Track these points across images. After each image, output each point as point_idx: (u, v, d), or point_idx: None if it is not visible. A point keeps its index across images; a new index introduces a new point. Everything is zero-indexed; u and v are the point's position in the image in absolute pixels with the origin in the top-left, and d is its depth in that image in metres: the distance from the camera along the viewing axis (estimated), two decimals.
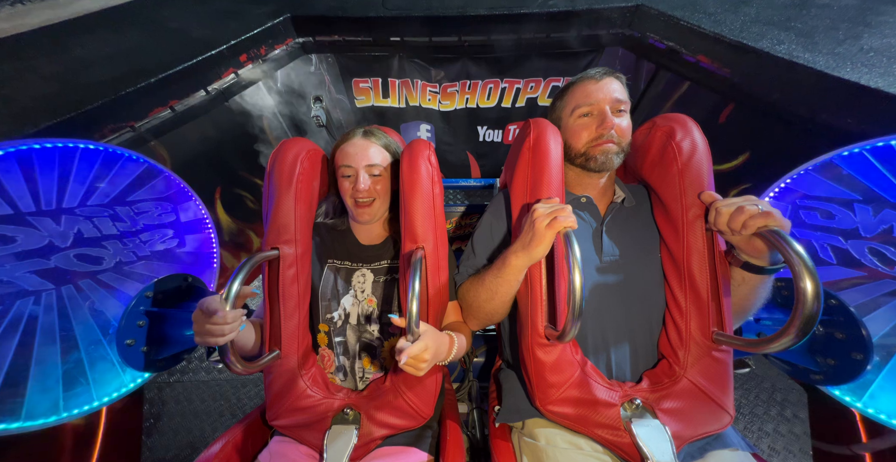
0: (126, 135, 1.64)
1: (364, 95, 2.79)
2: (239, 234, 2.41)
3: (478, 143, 3.12)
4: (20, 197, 1.16)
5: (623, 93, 0.94)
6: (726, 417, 0.81)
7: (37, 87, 1.57)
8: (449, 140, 3.08)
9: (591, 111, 0.93)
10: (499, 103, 2.79)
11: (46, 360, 1.13)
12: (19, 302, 1.13)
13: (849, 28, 1.72)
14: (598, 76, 0.94)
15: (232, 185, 2.35)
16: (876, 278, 1.14)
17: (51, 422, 1.12)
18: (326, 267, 1.05)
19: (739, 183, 1.90)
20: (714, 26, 1.83)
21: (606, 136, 0.91)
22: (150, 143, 1.75)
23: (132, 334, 1.21)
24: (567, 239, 0.71)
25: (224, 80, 2.04)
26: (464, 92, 2.73)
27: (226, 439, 0.90)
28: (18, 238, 1.15)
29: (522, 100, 2.78)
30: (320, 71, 2.64)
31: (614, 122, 0.90)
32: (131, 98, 1.61)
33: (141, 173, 1.42)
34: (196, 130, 2.00)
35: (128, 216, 1.37)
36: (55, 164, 1.24)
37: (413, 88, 2.70)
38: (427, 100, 2.77)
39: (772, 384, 1.72)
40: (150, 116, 1.73)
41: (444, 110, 2.85)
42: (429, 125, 2.97)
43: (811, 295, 0.57)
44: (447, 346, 0.85)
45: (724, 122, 2.00)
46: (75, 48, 1.84)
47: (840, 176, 1.25)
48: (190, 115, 1.91)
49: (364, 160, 0.99)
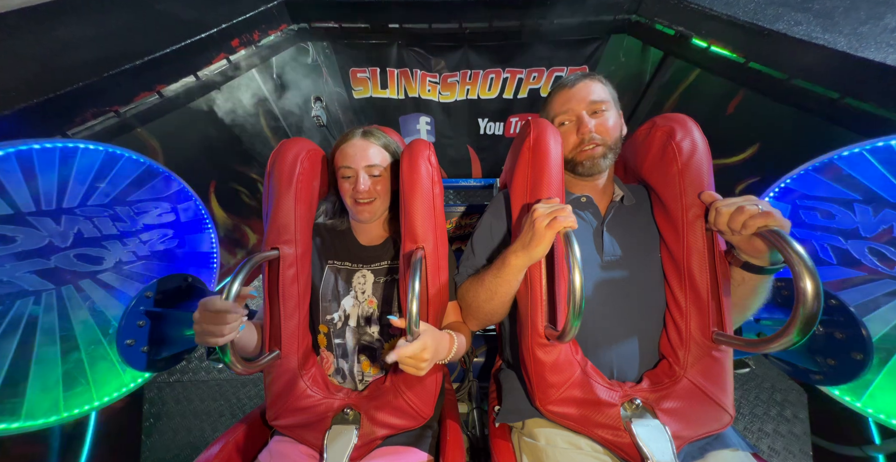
0: (110, 120, 1.57)
1: (362, 86, 2.71)
2: (234, 230, 2.37)
3: (479, 137, 3.06)
4: (20, 197, 1.16)
5: (601, 93, 0.96)
6: (726, 417, 0.81)
7: (15, 69, 1.48)
8: (449, 133, 3.02)
9: (568, 118, 0.97)
10: (500, 94, 2.72)
11: (46, 360, 1.13)
12: (19, 302, 1.13)
13: (870, 8, 1.63)
14: (571, 83, 0.97)
15: (227, 179, 2.29)
16: (876, 278, 1.14)
17: (51, 422, 1.12)
18: (327, 268, 1.05)
19: (748, 176, 1.84)
20: (726, 9, 1.76)
21: (587, 140, 0.93)
22: (139, 133, 1.67)
23: (132, 334, 1.21)
24: (567, 239, 0.71)
25: (215, 66, 1.95)
26: (464, 82, 2.66)
27: (226, 439, 0.90)
28: (18, 238, 1.15)
29: (525, 91, 2.71)
30: (317, 62, 2.57)
31: (590, 126, 0.92)
32: (115, 81, 1.52)
33: (141, 173, 1.42)
34: (188, 120, 1.93)
35: (128, 216, 1.37)
36: (55, 164, 1.24)
37: (412, 79, 2.63)
38: (427, 91, 2.71)
39: (772, 384, 1.72)
40: (135, 101, 1.65)
41: (444, 102, 2.78)
42: (428, 118, 2.91)
43: (811, 295, 0.57)
44: (447, 345, 0.85)
45: (733, 112, 1.94)
46: (58, 29, 1.73)
47: (840, 176, 1.25)
48: (179, 101, 1.84)
49: (364, 161, 0.99)
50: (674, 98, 2.39)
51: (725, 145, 1.90)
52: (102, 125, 1.54)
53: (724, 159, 1.95)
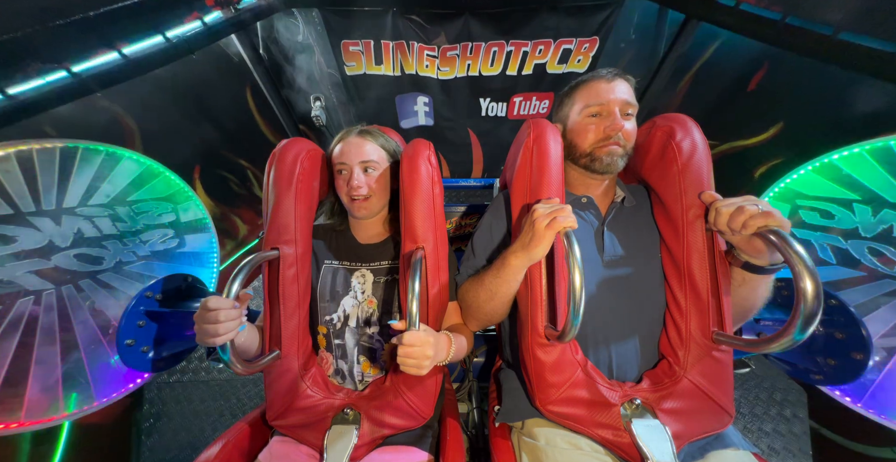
0: (62, 79, 1.37)
1: (354, 61, 2.44)
2: (223, 219, 2.21)
3: (480, 119, 2.80)
4: (20, 197, 1.16)
5: (632, 96, 0.94)
6: (726, 417, 0.81)
7: None
8: (448, 114, 2.78)
9: (601, 111, 0.93)
10: (503, 70, 2.46)
11: (46, 360, 1.13)
12: (19, 302, 1.13)
13: None
14: (610, 76, 0.94)
15: (213, 164, 2.10)
16: (876, 278, 1.14)
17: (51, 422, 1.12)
18: (325, 267, 1.05)
19: (770, 158, 1.66)
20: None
21: (613, 138, 0.91)
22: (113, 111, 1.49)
23: (132, 334, 1.21)
24: (567, 239, 0.71)
25: (188, 27, 1.71)
26: (465, 56, 2.40)
27: (226, 439, 0.90)
28: (18, 238, 1.15)
29: (530, 66, 2.45)
30: (308, 39, 2.32)
31: (623, 124, 0.90)
32: (63, 33, 1.31)
33: (141, 173, 1.42)
34: (169, 100, 1.74)
35: (128, 216, 1.37)
36: (55, 165, 1.24)
37: (409, 52, 2.38)
38: (424, 66, 2.46)
39: (772, 384, 1.72)
40: (92, 60, 1.43)
41: (443, 78, 2.53)
42: (426, 97, 2.67)
43: (811, 295, 0.57)
44: (445, 347, 0.85)
45: (755, 89, 1.74)
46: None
47: (840, 176, 1.25)
48: (147, 65, 1.61)
49: (358, 157, 0.99)
50: (689, 75, 2.17)
51: (745, 126, 1.77)
52: (54, 86, 1.34)
53: (743, 141, 1.80)
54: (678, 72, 2.22)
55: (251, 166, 2.40)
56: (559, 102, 1.05)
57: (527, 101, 2.72)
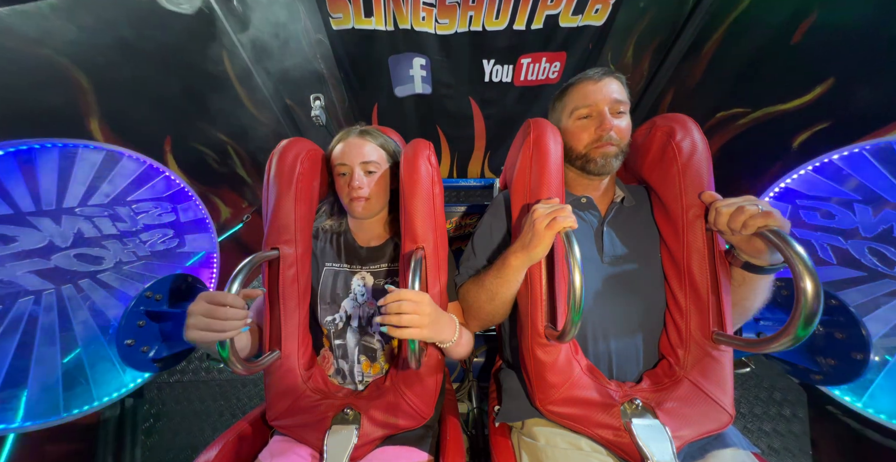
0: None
1: (342, 12, 2.13)
2: (202, 201, 1.86)
3: (483, 85, 2.49)
4: (20, 197, 1.16)
5: (622, 93, 0.94)
6: (726, 417, 0.81)
7: None
8: (448, 80, 2.48)
9: (590, 112, 0.93)
10: (510, 25, 2.16)
11: (46, 360, 1.14)
12: (19, 302, 1.13)
13: None
14: (597, 77, 0.94)
15: (186, 136, 1.85)
16: (876, 278, 1.14)
17: (51, 422, 1.12)
18: (326, 270, 1.05)
19: (813, 124, 1.45)
20: None
21: (605, 138, 0.91)
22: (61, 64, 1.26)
23: (132, 334, 1.21)
24: (567, 239, 0.71)
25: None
26: (466, 6, 2.10)
27: (226, 439, 0.90)
28: (18, 238, 1.15)
29: (540, 19, 2.14)
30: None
31: (613, 123, 0.90)
32: None
33: (141, 173, 1.43)
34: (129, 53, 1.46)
35: (128, 216, 1.37)
36: (55, 164, 1.24)
37: (403, 2, 2.08)
38: (421, 19, 2.16)
39: (772, 384, 1.72)
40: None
41: (441, 33, 2.22)
42: (423, 59, 2.37)
43: (811, 295, 0.57)
44: (450, 324, 0.84)
45: (800, 41, 1.51)
46: None
47: (840, 176, 1.25)
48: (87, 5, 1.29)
49: (359, 157, 0.98)
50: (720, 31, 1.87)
51: (785, 87, 1.57)
52: None
53: (780, 106, 1.59)
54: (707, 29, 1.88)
55: (232, 142, 2.12)
56: (551, 107, 1.06)
57: (536, 62, 2.38)
